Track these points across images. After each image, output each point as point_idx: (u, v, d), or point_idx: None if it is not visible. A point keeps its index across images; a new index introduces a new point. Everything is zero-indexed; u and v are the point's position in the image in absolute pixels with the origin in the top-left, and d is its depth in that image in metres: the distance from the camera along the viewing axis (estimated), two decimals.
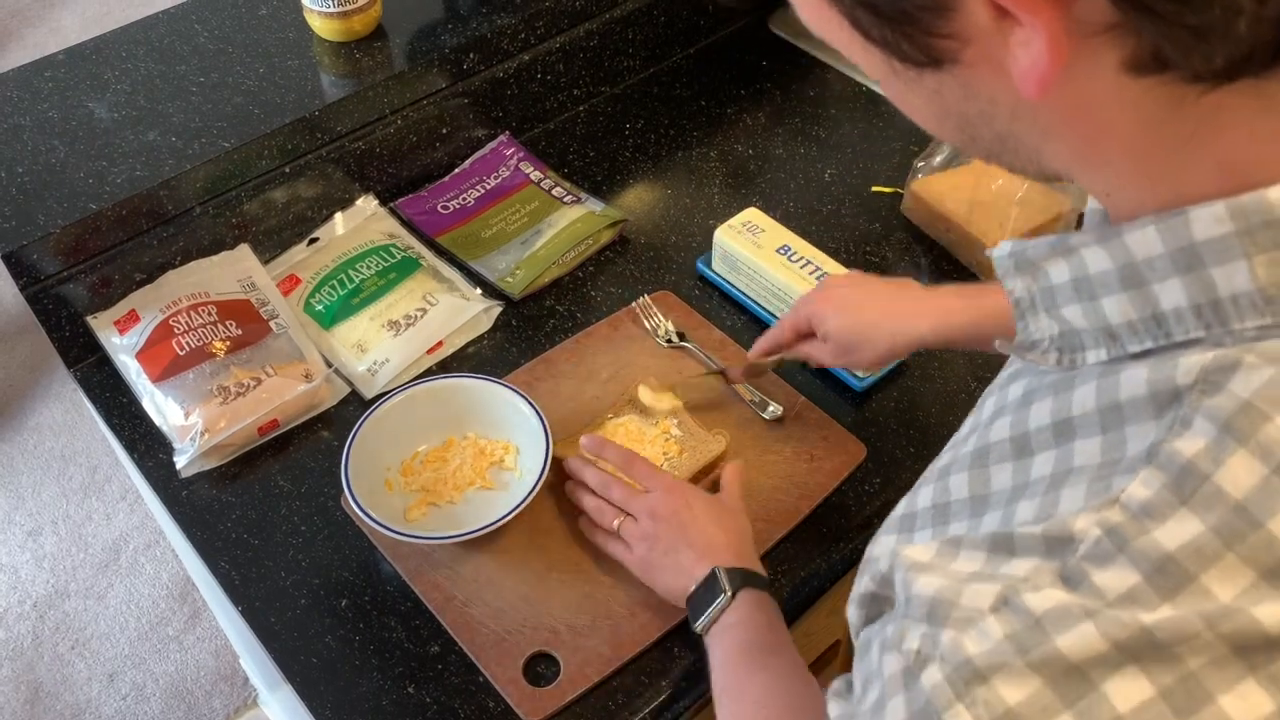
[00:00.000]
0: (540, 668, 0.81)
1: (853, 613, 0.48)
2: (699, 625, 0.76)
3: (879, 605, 0.46)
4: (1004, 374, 0.50)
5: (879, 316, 0.85)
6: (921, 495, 0.48)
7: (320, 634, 0.84)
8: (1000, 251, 0.45)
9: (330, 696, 0.81)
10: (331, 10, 1.08)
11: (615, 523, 0.83)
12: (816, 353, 0.89)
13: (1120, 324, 0.40)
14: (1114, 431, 0.39)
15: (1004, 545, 0.40)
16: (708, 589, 0.76)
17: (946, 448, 0.52)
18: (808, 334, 0.90)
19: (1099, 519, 0.37)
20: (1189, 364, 0.37)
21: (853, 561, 0.89)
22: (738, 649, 0.73)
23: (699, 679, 0.81)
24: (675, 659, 0.82)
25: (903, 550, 0.43)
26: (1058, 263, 0.42)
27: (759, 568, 0.79)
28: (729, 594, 0.75)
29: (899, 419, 0.97)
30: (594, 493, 0.86)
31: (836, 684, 0.49)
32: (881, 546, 0.47)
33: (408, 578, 0.86)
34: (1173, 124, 0.37)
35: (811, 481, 0.91)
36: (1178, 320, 0.38)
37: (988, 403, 0.49)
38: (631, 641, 0.82)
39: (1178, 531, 0.35)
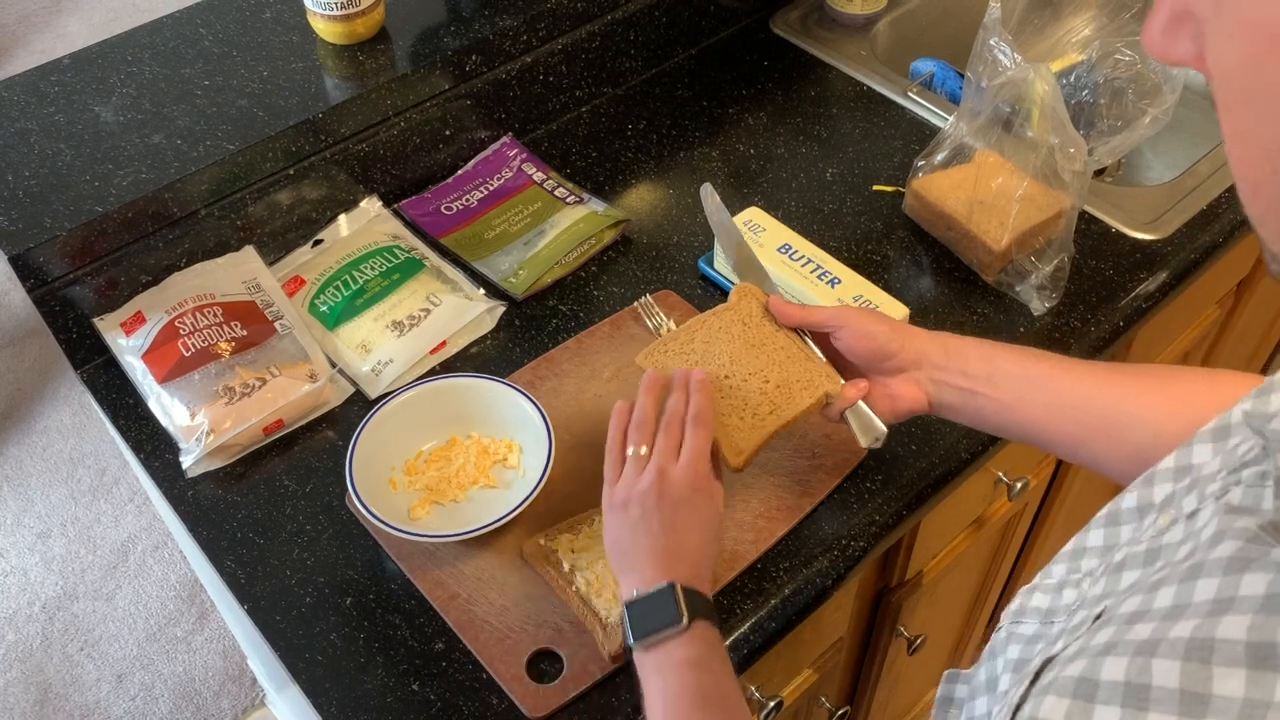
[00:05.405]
0: (544, 665, 0.82)
1: None
2: (640, 642, 0.69)
3: None
4: (1223, 549, 0.42)
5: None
6: (1109, 667, 0.42)
7: (325, 632, 0.85)
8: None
9: (335, 694, 0.81)
10: (334, 13, 1.09)
11: (631, 450, 0.76)
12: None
13: None
14: None
15: None
16: (659, 606, 0.70)
17: (1128, 594, 0.45)
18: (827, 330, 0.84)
19: None
20: None
21: (856, 559, 0.90)
22: (690, 696, 0.67)
23: None
24: None
25: None
26: None
27: (708, 594, 0.73)
28: (684, 623, 0.68)
29: None
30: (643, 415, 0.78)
31: None
32: (1052, 710, 0.42)
33: (412, 576, 0.86)
34: None
35: (813, 479, 0.92)
36: None
37: (1201, 580, 0.42)
38: None
39: None
